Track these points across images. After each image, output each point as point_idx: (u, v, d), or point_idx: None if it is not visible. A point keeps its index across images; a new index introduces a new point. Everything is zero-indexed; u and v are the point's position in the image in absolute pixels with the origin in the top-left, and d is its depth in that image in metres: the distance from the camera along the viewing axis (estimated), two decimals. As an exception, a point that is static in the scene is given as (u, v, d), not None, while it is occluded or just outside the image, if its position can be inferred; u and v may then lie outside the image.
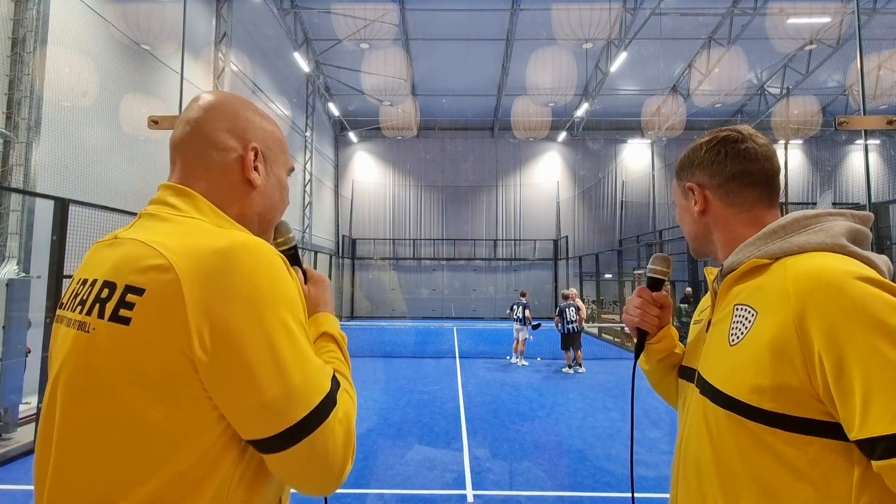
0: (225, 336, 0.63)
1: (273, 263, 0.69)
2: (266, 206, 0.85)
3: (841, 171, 20.76)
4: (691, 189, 0.98)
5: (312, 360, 0.70)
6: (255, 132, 0.83)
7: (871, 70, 13.53)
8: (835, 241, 0.78)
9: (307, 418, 0.66)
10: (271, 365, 0.64)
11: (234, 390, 0.63)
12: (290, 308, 0.68)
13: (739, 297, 0.85)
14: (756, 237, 0.87)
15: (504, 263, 21.60)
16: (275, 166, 0.86)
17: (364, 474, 4.10)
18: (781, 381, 0.71)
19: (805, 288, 0.71)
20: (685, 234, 1.04)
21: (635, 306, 1.06)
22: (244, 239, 0.69)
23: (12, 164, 5.57)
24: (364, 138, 21.79)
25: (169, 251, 0.65)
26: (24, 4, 5.73)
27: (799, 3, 13.60)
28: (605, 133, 21.01)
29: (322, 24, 14.80)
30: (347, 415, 0.72)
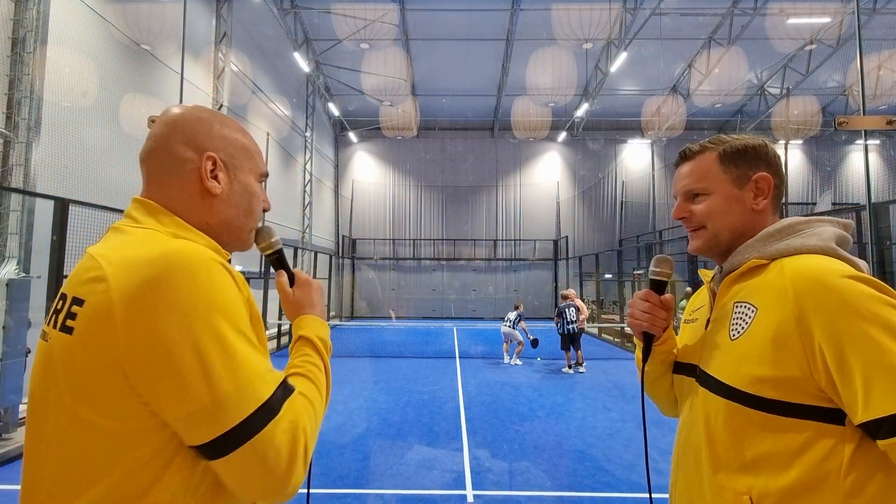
0: (152, 344, 0.64)
1: (207, 270, 0.69)
2: (232, 214, 0.85)
3: (841, 171, 20.75)
4: (762, 181, 0.95)
5: (249, 368, 0.69)
6: (212, 141, 0.84)
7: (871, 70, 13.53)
8: (827, 245, 0.86)
9: (240, 426, 0.66)
10: (198, 373, 0.65)
11: (164, 398, 0.65)
12: (224, 315, 0.68)
13: (739, 296, 0.91)
14: (755, 240, 0.93)
15: (504, 263, 21.59)
16: (239, 173, 0.87)
17: (364, 474, 4.10)
18: (783, 372, 0.78)
19: (803, 286, 0.78)
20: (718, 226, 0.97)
21: (643, 311, 1.04)
22: (180, 247, 0.70)
23: (12, 164, 5.57)
24: (364, 138, 21.79)
25: (108, 263, 0.68)
26: (24, 4, 5.73)
27: (799, 3, 13.60)
28: (605, 133, 21.01)
29: (322, 24, 14.80)
30: (294, 423, 0.71)
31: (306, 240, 16.87)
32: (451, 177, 21.86)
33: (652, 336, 1.04)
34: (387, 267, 21.48)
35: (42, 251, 5.16)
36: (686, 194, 1.01)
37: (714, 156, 0.98)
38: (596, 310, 15.73)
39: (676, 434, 1.05)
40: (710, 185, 0.97)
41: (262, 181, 0.92)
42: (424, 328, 16.91)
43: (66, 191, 5.85)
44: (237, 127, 0.89)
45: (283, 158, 15.10)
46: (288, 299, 0.97)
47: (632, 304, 1.07)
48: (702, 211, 0.98)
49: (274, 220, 13.73)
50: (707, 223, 0.98)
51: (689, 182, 1.00)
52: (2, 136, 5.51)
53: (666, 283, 1.06)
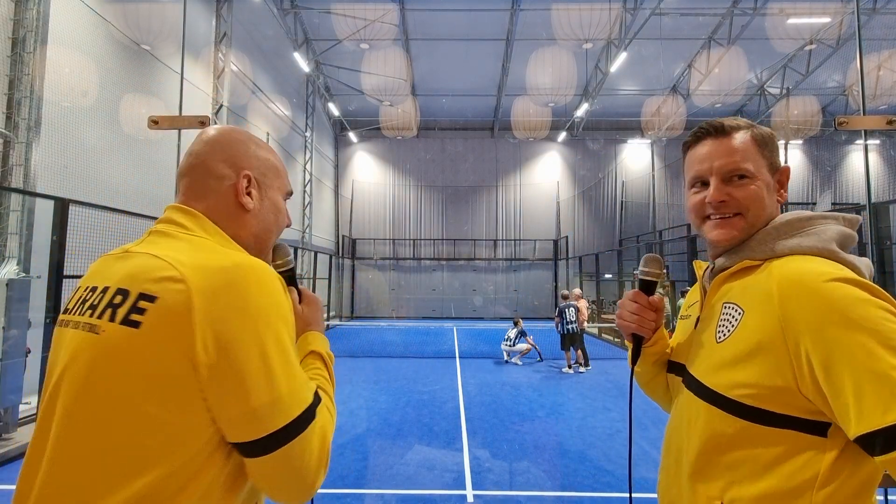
0: (225, 344, 0.69)
1: (271, 283, 0.76)
2: (261, 228, 0.92)
3: (841, 171, 20.75)
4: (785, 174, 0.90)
5: (298, 374, 0.76)
6: (248, 161, 0.90)
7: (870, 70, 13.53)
8: (824, 246, 0.80)
9: (288, 427, 0.72)
10: (262, 374, 0.70)
11: (228, 394, 0.69)
12: (284, 324, 0.76)
13: (728, 296, 0.86)
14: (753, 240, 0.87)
15: (504, 263, 21.59)
16: (269, 191, 0.93)
17: (364, 474, 4.10)
18: (767, 380, 0.74)
19: (787, 291, 0.74)
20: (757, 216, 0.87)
21: (631, 312, 1.01)
22: (248, 260, 0.77)
23: (12, 164, 5.57)
24: (364, 138, 21.79)
25: (181, 265, 0.72)
26: (24, 4, 5.73)
27: (799, 3, 13.60)
28: (605, 133, 21.01)
29: (322, 24, 14.80)
30: (324, 429, 0.78)
31: (306, 240, 16.87)
32: (451, 177, 21.86)
33: (641, 338, 1.02)
34: (387, 267, 21.48)
35: (42, 251, 5.15)
36: (728, 174, 0.87)
37: (749, 136, 0.88)
38: (596, 310, 15.74)
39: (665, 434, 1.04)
40: (755, 168, 0.86)
41: (287, 199, 0.99)
42: (424, 328, 16.91)
43: (66, 191, 5.85)
44: (269, 148, 0.96)
45: (283, 158, 15.05)
46: (297, 316, 1.01)
47: (621, 305, 1.03)
48: (746, 195, 0.86)
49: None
50: (748, 210, 0.86)
51: (733, 161, 0.86)
52: (2, 136, 5.51)
53: (655, 283, 1.02)
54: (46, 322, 4.85)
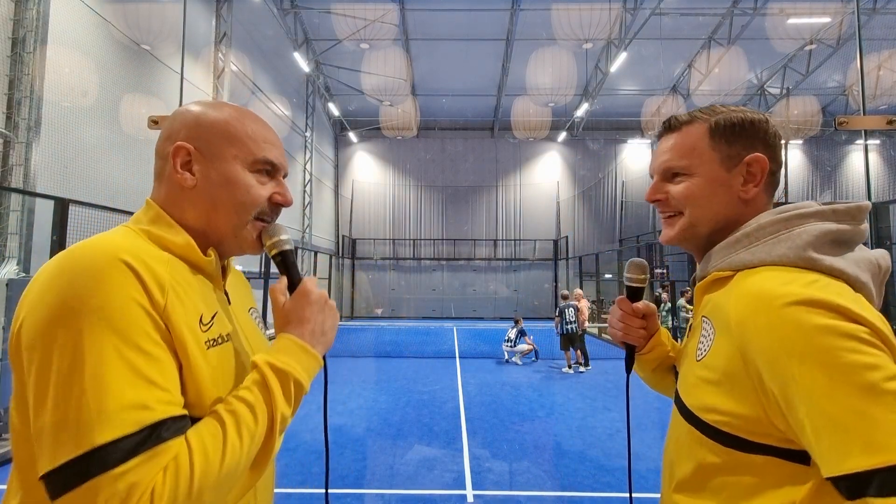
0: (26, 344, 0.59)
1: (96, 270, 0.59)
2: (211, 206, 0.76)
3: (841, 171, 20.75)
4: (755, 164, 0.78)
5: (96, 400, 0.55)
6: (187, 130, 0.76)
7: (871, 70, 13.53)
8: (798, 255, 0.70)
9: (62, 469, 0.54)
10: (43, 387, 0.56)
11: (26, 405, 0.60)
12: (98, 326, 0.57)
13: (706, 309, 0.78)
14: (725, 244, 0.78)
15: (504, 263, 21.59)
16: (218, 162, 0.76)
17: (364, 474, 4.10)
18: (736, 408, 0.67)
19: (741, 317, 0.66)
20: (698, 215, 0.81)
21: (617, 319, 0.96)
22: (86, 243, 0.63)
23: (12, 164, 5.57)
24: (364, 138, 21.79)
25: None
26: (24, 4, 5.73)
27: (799, 3, 13.60)
28: (605, 133, 21.01)
29: (322, 24, 14.80)
30: (137, 487, 0.54)
31: (306, 240, 16.87)
32: (451, 177, 21.86)
33: (633, 346, 0.96)
34: (387, 267, 21.49)
35: (42, 251, 5.16)
36: (664, 172, 0.84)
37: (704, 128, 0.80)
38: (596, 310, 15.74)
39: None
40: (694, 164, 0.80)
41: (261, 169, 0.80)
42: (424, 328, 16.92)
43: (66, 191, 5.85)
44: (230, 114, 0.79)
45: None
46: (276, 310, 0.79)
47: (611, 312, 0.99)
48: (679, 193, 0.81)
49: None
50: (685, 209, 0.81)
51: (669, 158, 0.82)
52: (2, 136, 5.51)
53: (641, 289, 0.96)
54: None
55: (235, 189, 0.77)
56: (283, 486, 3.81)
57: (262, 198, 0.79)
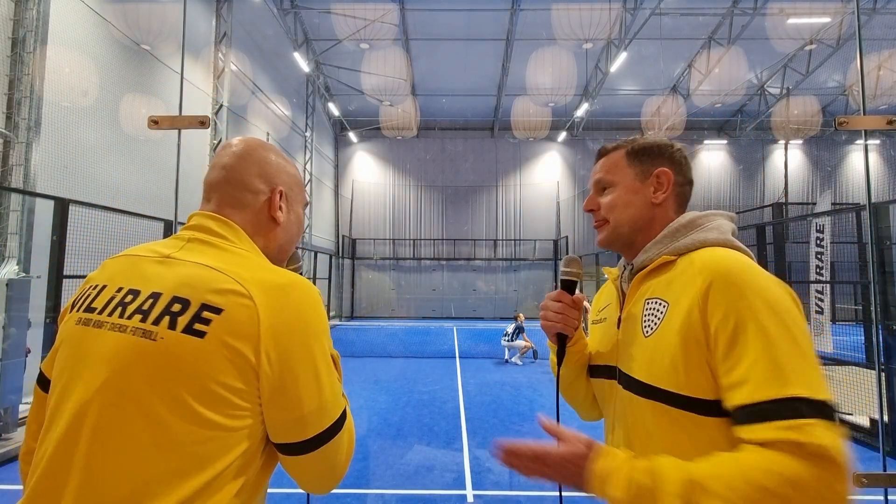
0: (284, 356, 0.75)
1: (318, 300, 0.83)
2: (286, 240, 0.98)
3: (841, 171, 20.76)
4: (662, 175, 0.98)
5: (336, 382, 0.84)
6: (280, 176, 0.96)
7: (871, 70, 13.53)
8: (726, 238, 0.90)
9: (329, 428, 0.80)
10: (313, 384, 0.78)
11: (284, 401, 0.75)
12: (327, 337, 0.83)
13: (649, 293, 0.92)
14: (662, 236, 0.95)
15: (504, 263, 21.59)
16: (295, 205, 0.99)
17: (364, 474, 4.10)
18: (691, 362, 0.78)
19: (708, 274, 0.80)
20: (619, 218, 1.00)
21: (556, 311, 1.03)
22: (298, 278, 0.83)
23: (12, 164, 5.57)
24: (364, 138, 21.79)
25: (243, 280, 0.77)
26: (24, 4, 5.73)
27: (799, 3, 13.59)
28: (605, 133, 21.00)
29: (322, 24, 14.80)
30: (351, 429, 0.86)
31: (306, 240, 16.87)
32: (451, 177, 21.86)
33: (566, 337, 1.04)
34: (387, 267, 21.49)
35: (42, 251, 5.15)
36: (596, 185, 1.05)
37: (622, 153, 1.02)
38: (596, 310, 15.72)
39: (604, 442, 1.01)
40: (617, 178, 1.01)
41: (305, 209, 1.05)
42: (424, 328, 16.92)
43: (66, 191, 5.85)
44: (292, 162, 1.02)
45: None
46: None
47: (544, 307, 1.05)
48: (606, 204, 1.01)
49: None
50: (609, 216, 1.01)
51: (599, 175, 1.04)
52: (2, 136, 5.51)
53: (576, 282, 1.08)
54: (46, 322, 4.85)
55: (301, 227, 1.03)
56: (283, 486, 3.81)
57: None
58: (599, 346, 1.06)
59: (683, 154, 1.02)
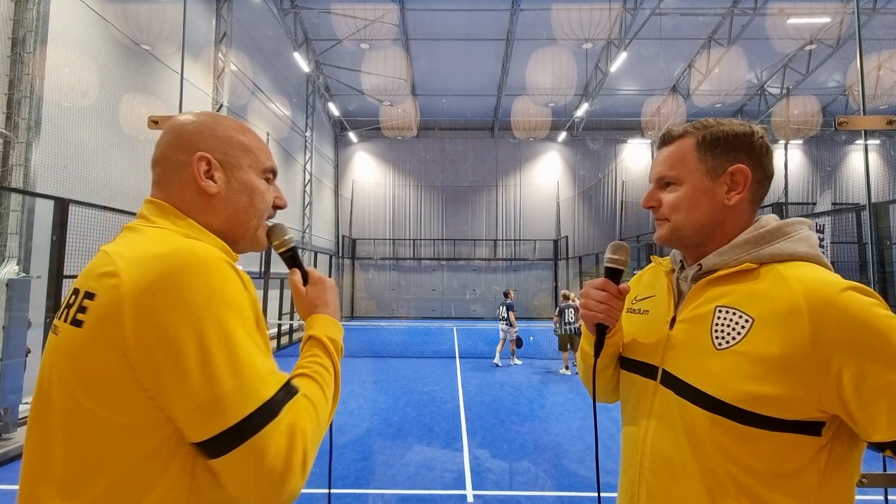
0: (160, 339, 0.65)
1: (216, 268, 0.70)
2: (233, 211, 0.86)
3: (841, 171, 20.75)
4: (738, 173, 0.87)
5: (252, 368, 0.69)
6: (205, 141, 0.84)
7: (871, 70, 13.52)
8: (815, 253, 0.83)
9: (239, 426, 0.66)
10: (201, 370, 0.65)
11: (169, 392, 0.66)
12: (231, 314, 0.69)
13: (722, 300, 0.84)
14: (744, 240, 0.86)
15: (504, 263, 21.59)
16: (237, 171, 0.86)
17: (364, 474, 4.10)
18: (788, 392, 0.73)
19: (818, 305, 0.73)
20: (682, 221, 0.90)
21: (600, 300, 0.94)
22: (190, 245, 0.71)
23: (12, 164, 5.57)
24: (364, 138, 21.79)
25: (121, 258, 0.69)
26: (24, 4, 5.73)
27: (799, 3, 13.59)
28: (605, 133, 21.00)
29: (322, 24, 14.80)
30: (292, 426, 0.69)
31: (306, 240, 16.87)
32: (451, 177, 21.85)
33: (605, 328, 0.96)
34: (387, 267, 21.48)
35: (42, 251, 5.15)
36: (658, 181, 0.94)
37: (692, 142, 0.90)
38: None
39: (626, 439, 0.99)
40: (683, 175, 0.90)
41: (268, 177, 0.92)
42: (424, 328, 16.92)
43: (66, 191, 5.85)
44: (235, 126, 0.89)
45: (283, 158, 15.10)
46: (300, 298, 0.96)
47: (585, 295, 0.97)
48: (668, 202, 0.91)
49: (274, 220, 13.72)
50: (670, 217, 0.91)
51: (662, 169, 0.93)
52: (2, 136, 5.51)
53: (622, 271, 0.98)
54: (46, 322, 4.85)
55: (254, 195, 0.88)
56: (283, 486, 3.81)
57: (269, 201, 0.92)
58: (638, 340, 0.98)
59: (765, 142, 0.89)
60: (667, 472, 0.86)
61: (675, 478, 0.84)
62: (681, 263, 0.99)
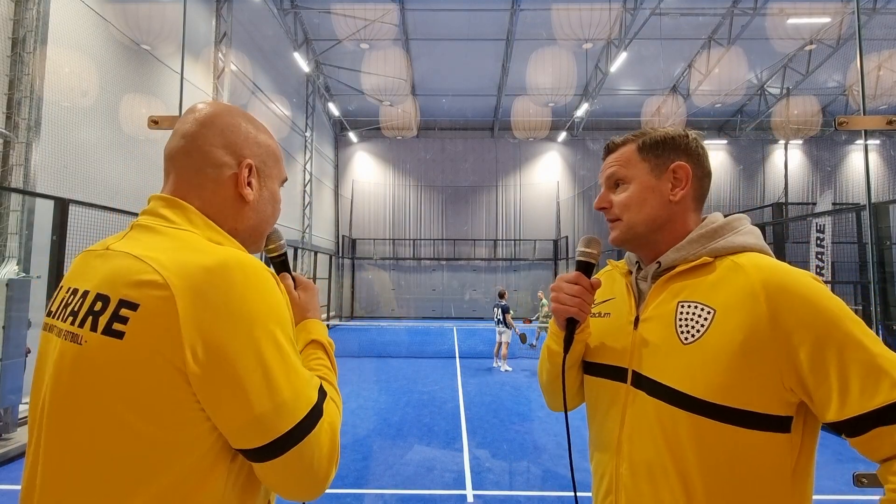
0: (217, 351, 0.64)
1: (262, 279, 0.70)
2: (259, 220, 0.86)
3: (841, 171, 20.75)
4: (679, 170, 0.92)
5: (301, 373, 0.71)
6: (250, 147, 0.83)
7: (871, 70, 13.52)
8: (762, 244, 0.88)
9: (295, 429, 0.68)
10: (261, 380, 0.66)
11: (226, 404, 0.65)
12: (279, 323, 0.70)
13: (682, 295, 0.86)
14: (699, 235, 0.90)
15: (504, 263, 21.59)
16: (268, 180, 0.87)
17: (364, 474, 4.10)
18: (753, 378, 0.76)
19: (774, 289, 0.77)
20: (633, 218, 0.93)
21: (572, 294, 0.92)
22: (234, 255, 0.70)
23: (12, 164, 5.57)
24: (364, 138, 21.78)
25: (163, 268, 0.65)
26: (24, 4, 5.73)
27: (799, 3, 13.59)
28: (605, 133, 20.99)
29: (322, 24, 14.79)
30: (332, 425, 0.74)
31: (306, 240, 16.87)
32: (451, 177, 21.85)
33: (576, 323, 0.94)
34: (387, 267, 21.48)
35: (42, 251, 5.15)
36: (609, 181, 0.98)
37: (634, 147, 0.96)
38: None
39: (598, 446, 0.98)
40: (631, 174, 0.94)
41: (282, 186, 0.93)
42: (424, 328, 16.91)
43: (66, 191, 5.85)
44: (267, 131, 0.88)
45: (283, 158, 15.09)
46: (294, 302, 0.94)
47: (557, 289, 0.95)
48: (619, 202, 0.95)
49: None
50: (623, 215, 0.94)
51: (612, 169, 0.97)
52: (2, 136, 5.51)
53: (594, 265, 0.98)
54: (46, 322, 4.84)
55: (277, 205, 0.90)
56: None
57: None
58: (604, 344, 0.97)
59: (700, 144, 0.95)
60: (645, 475, 0.84)
61: (654, 481, 0.83)
62: (637, 265, 1.01)
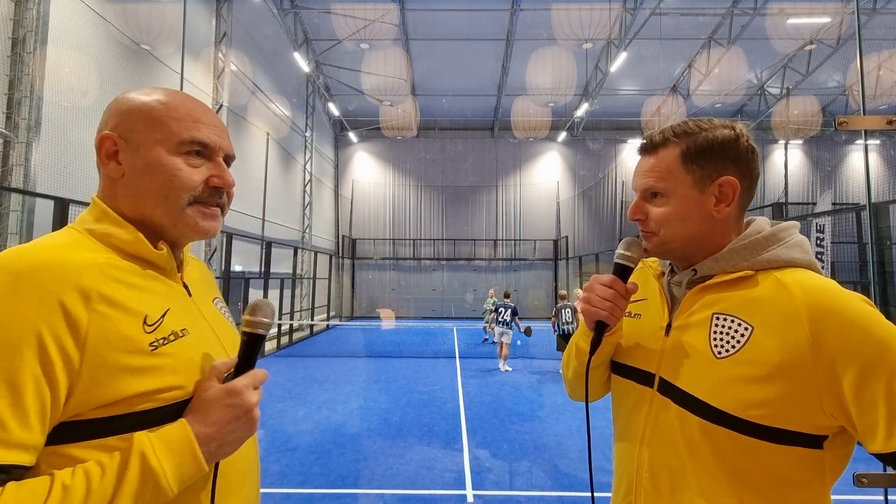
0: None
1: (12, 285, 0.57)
2: (138, 196, 0.73)
3: (841, 171, 20.75)
4: (727, 185, 0.84)
5: None
6: (108, 121, 0.74)
7: (871, 70, 13.52)
8: (809, 259, 0.83)
9: None
10: None
11: None
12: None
13: (718, 307, 0.82)
14: (741, 246, 0.84)
15: (504, 263, 21.59)
16: (143, 148, 0.72)
17: (364, 474, 4.10)
18: (789, 398, 0.73)
19: (818, 311, 0.73)
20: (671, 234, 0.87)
21: (605, 298, 0.89)
22: (17, 250, 0.62)
23: (12, 164, 5.57)
24: (364, 138, 21.78)
25: None
26: (24, 4, 5.73)
27: (799, 3, 13.59)
28: (605, 133, 21.00)
29: (322, 24, 14.79)
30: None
31: (306, 240, 16.87)
32: (451, 177, 21.85)
33: (605, 326, 0.90)
34: (387, 267, 21.48)
35: (42, 251, 5.15)
36: (644, 192, 0.90)
37: (676, 152, 0.86)
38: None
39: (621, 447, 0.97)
40: (671, 187, 0.86)
41: (190, 150, 0.75)
42: (424, 328, 16.91)
43: (66, 191, 5.85)
44: (155, 95, 0.75)
45: (283, 158, 15.10)
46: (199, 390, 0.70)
47: (589, 289, 0.91)
48: (657, 217, 0.88)
49: (274, 219, 13.73)
50: (660, 230, 0.88)
51: (649, 181, 0.88)
52: (2, 136, 5.51)
53: (632, 269, 0.92)
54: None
55: (157, 175, 0.72)
56: (283, 486, 3.81)
57: (194, 181, 0.74)
58: (633, 345, 0.94)
59: (750, 144, 0.85)
60: (665, 481, 0.84)
61: (674, 487, 0.83)
62: (670, 267, 0.96)
